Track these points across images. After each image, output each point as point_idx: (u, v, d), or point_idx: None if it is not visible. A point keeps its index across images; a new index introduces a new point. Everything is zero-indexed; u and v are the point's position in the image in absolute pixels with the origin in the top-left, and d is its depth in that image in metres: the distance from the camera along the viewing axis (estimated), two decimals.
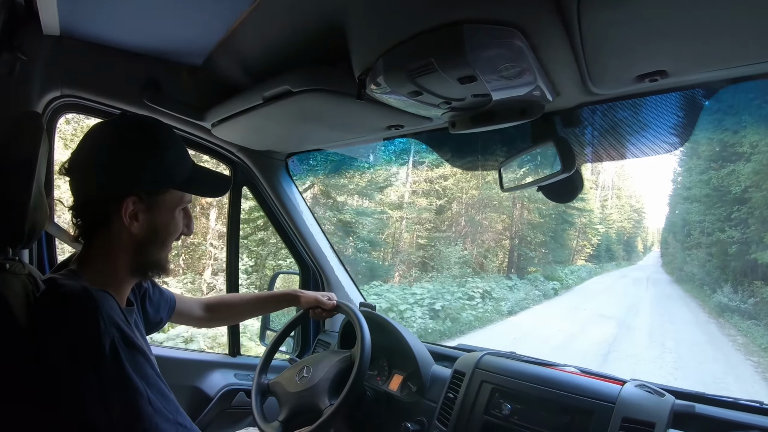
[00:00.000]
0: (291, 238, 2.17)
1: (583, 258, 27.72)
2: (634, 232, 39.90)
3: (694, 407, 1.22)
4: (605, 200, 35.05)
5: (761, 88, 1.18)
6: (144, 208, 1.03)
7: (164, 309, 1.39)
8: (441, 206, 18.40)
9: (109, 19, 1.36)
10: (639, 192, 45.50)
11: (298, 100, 1.24)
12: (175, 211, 1.09)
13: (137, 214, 1.02)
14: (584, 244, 27.88)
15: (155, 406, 0.90)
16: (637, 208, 40.58)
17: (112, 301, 0.95)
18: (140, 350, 0.93)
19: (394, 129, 1.48)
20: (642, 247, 44.32)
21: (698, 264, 18.94)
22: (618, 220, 35.86)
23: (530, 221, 21.05)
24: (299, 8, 1.10)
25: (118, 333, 0.90)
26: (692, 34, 0.80)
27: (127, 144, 1.03)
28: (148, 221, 1.04)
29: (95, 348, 0.87)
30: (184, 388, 1.83)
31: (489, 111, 1.09)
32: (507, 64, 0.88)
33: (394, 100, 1.07)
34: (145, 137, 1.06)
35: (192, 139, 1.82)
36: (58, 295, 0.93)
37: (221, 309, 1.63)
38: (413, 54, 0.89)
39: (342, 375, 1.49)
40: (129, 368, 0.89)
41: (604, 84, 1.05)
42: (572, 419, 1.26)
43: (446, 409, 1.48)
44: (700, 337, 11.68)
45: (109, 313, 0.91)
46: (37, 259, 1.56)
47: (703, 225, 18.68)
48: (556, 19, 0.81)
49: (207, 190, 1.16)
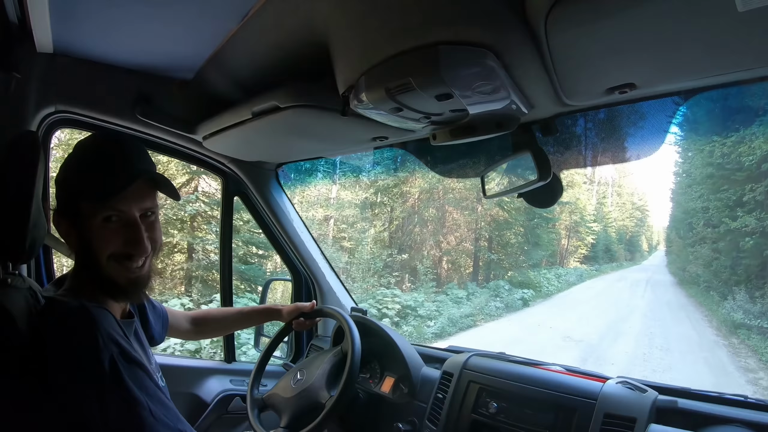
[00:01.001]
0: (283, 247, 2.20)
1: (577, 259, 25.57)
2: (637, 230, 37.63)
3: (676, 402, 1.25)
4: (603, 197, 32.98)
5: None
6: (68, 224, 1.04)
7: (158, 324, 1.43)
8: (368, 199, 15.51)
9: (101, 37, 1.39)
10: (642, 189, 43.33)
11: (285, 115, 1.27)
12: (95, 223, 1.01)
13: (68, 231, 1.05)
14: (578, 244, 25.77)
15: (157, 416, 0.92)
16: (639, 206, 38.51)
17: (109, 316, 0.98)
18: (139, 364, 0.95)
19: (379, 140, 1.52)
20: (647, 247, 42.00)
21: (703, 263, 15.21)
22: (619, 218, 33.85)
23: (495, 218, 17.81)
24: (285, 27, 1.13)
25: (117, 348, 0.92)
26: (656, 48, 0.83)
27: (67, 163, 1.06)
28: (76, 238, 1.04)
29: (95, 364, 0.89)
30: (180, 395, 1.85)
31: (467, 124, 1.13)
32: (481, 82, 0.92)
33: (376, 115, 1.10)
34: (79, 155, 1.06)
35: (184, 152, 1.85)
36: (56, 314, 0.95)
37: (207, 323, 1.68)
38: (393, 73, 0.92)
39: (337, 367, 1.54)
40: (129, 382, 0.91)
41: (576, 96, 1.09)
42: (556, 416, 1.30)
43: (436, 409, 1.52)
44: (703, 374, 8.12)
45: (107, 330, 0.93)
46: (35, 271, 1.58)
47: (708, 215, 14.93)
48: (525, 38, 0.85)
49: (121, 199, 1.03)
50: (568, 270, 22.45)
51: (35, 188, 1.01)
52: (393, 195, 16.13)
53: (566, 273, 21.27)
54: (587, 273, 23.42)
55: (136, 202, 1.04)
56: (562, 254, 24.66)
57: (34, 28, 1.26)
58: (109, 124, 1.63)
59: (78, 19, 1.26)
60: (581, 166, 1.45)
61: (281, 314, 1.73)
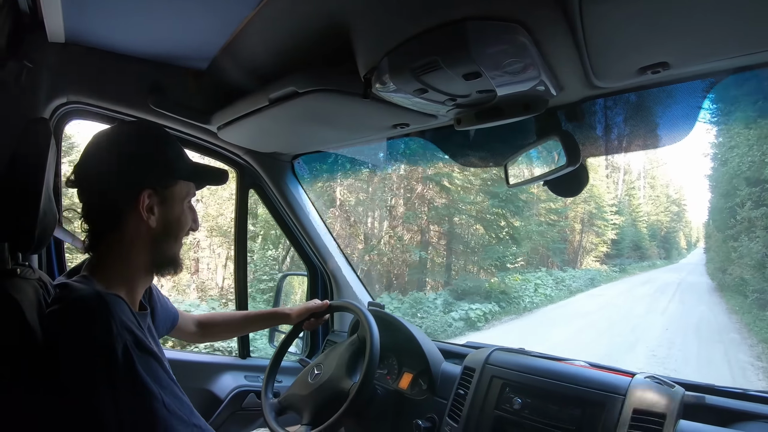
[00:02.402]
0: (298, 240, 2.18)
1: (596, 258, 21.32)
2: (673, 226, 33.06)
3: (704, 398, 1.22)
4: (632, 188, 28.61)
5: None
6: (158, 201, 1.08)
7: (165, 323, 1.41)
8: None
9: (113, 26, 1.37)
10: (678, 182, 39.82)
11: (304, 100, 1.25)
12: (184, 203, 1.14)
13: (153, 207, 1.07)
14: (596, 241, 21.58)
15: (170, 408, 0.91)
16: (675, 199, 34.56)
17: (125, 305, 0.97)
18: (153, 354, 0.94)
19: (400, 128, 1.49)
20: (685, 244, 37.73)
21: (750, 262, 10.28)
22: (652, 212, 30.09)
23: (431, 200, 13.11)
24: (302, 10, 1.10)
25: (131, 337, 0.91)
26: (692, 25, 0.81)
27: (132, 144, 1.10)
28: (162, 214, 1.09)
29: (108, 351, 0.88)
30: (194, 390, 1.84)
31: (493, 107, 1.10)
32: (511, 60, 0.89)
33: (399, 98, 1.08)
34: (147, 137, 1.13)
35: (198, 143, 1.83)
36: (70, 299, 0.94)
37: (213, 326, 1.65)
38: (418, 52, 0.90)
39: (356, 355, 1.51)
40: (142, 371, 0.90)
41: (608, 77, 1.05)
42: (583, 412, 1.26)
43: (457, 405, 1.49)
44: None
45: (122, 317, 0.92)
46: (46, 264, 1.57)
47: (752, 192, 10.35)
48: (558, 14, 0.82)
49: (209, 179, 1.22)
50: (577, 272, 18.40)
51: (46, 176, 0.99)
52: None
53: (573, 276, 17.22)
54: (605, 275, 19.48)
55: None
56: (576, 252, 21.31)
57: (45, 17, 1.25)
58: (122, 114, 1.61)
59: (90, 7, 1.25)
60: (606, 153, 1.41)
61: (290, 317, 1.68)
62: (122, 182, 1.05)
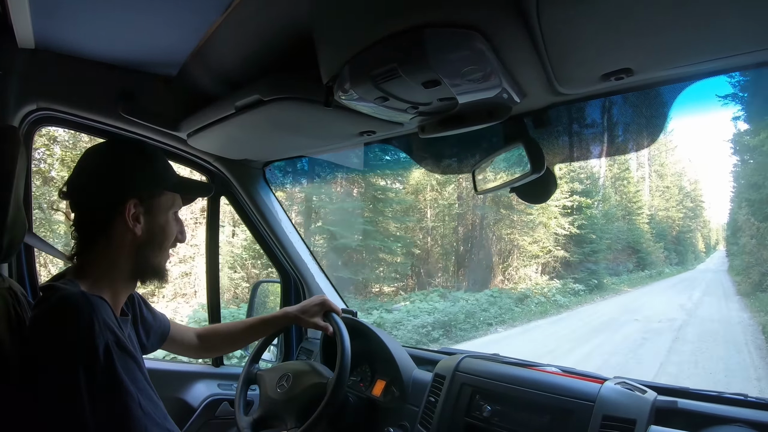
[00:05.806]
0: (270, 247, 2.16)
1: (541, 269, 16.31)
2: (686, 224, 28.41)
3: (676, 403, 1.22)
4: (625, 170, 22.90)
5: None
6: (144, 210, 1.12)
7: (156, 334, 1.40)
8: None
9: (83, 32, 1.36)
10: (693, 174, 34.01)
11: (269, 108, 1.25)
12: (170, 213, 1.19)
13: (138, 216, 1.11)
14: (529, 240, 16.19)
15: (145, 410, 0.93)
16: (688, 192, 30.08)
17: (108, 307, 1.00)
18: (132, 356, 0.97)
19: (366, 135, 1.49)
20: (703, 246, 33.66)
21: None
22: (660, 206, 25.94)
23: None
24: (267, 16, 1.10)
25: (113, 336, 0.93)
26: (653, 30, 0.80)
27: (122, 156, 1.17)
28: (148, 223, 1.13)
29: (89, 349, 0.90)
30: (167, 399, 1.76)
31: (457, 114, 1.10)
32: (470, 67, 0.89)
33: (362, 106, 1.07)
34: (137, 150, 1.20)
35: (168, 150, 1.81)
36: (55, 298, 0.95)
37: (214, 338, 1.60)
38: (377, 60, 0.89)
39: (311, 402, 1.41)
40: (121, 371, 0.92)
41: (571, 84, 1.06)
42: (552, 419, 1.26)
43: (428, 412, 1.48)
44: None
45: (104, 317, 0.95)
46: (16, 272, 1.55)
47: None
48: (516, 20, 0.82)
49: (195, 190, 1.31)
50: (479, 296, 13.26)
51: (14, 185, 0.99)
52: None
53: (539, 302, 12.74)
54: (578, 296, 14.63)
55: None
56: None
57: (14, 23, 1.23)
58: (92, 122, 1.60)
59: (59, 13, 1.23)
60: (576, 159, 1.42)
61: (302, 322, 1.56)
62: (110, 192, 1.10)
